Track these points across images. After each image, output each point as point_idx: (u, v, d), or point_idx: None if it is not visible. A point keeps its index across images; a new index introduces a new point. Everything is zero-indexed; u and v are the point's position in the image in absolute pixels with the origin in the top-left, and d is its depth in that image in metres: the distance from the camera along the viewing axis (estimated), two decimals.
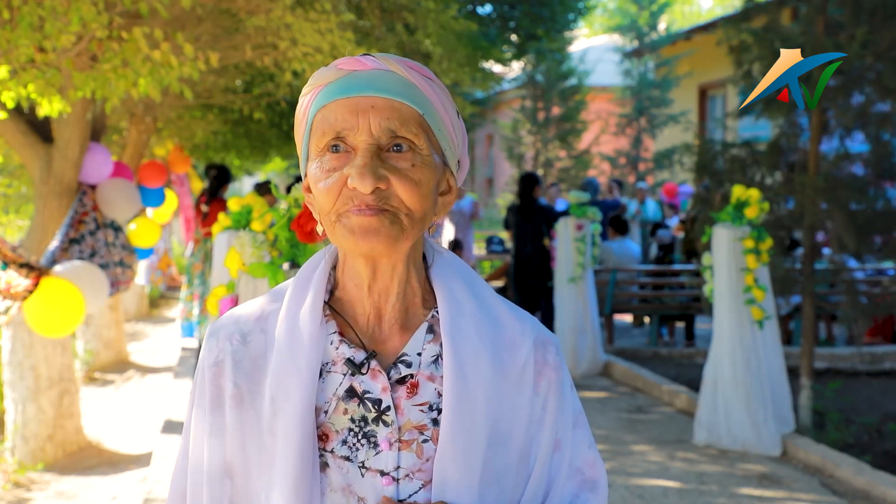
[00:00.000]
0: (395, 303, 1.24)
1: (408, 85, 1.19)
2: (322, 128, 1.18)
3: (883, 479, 5.12)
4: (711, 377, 6.03)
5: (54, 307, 4.76)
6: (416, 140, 1.18)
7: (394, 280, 1.23)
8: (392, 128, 1.16)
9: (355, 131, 1.16)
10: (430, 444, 1.19)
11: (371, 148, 1.16)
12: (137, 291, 12.25)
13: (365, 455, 1.18)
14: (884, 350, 8.86)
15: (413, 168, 1.17)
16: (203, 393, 1.25)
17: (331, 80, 1.20)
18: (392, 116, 1.17)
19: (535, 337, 1.27)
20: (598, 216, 8.52)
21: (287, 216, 3.65)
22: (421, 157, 1.18)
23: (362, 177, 1.13)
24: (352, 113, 1.16)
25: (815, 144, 6.28)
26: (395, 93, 1.18)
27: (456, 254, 5.59)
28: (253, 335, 1.25)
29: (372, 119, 1.16)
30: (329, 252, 1.29)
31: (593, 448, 1.31)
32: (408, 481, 1.18)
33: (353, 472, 1.18)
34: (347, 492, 1.18)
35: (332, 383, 1.21)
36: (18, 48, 3.86)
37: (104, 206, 6.02)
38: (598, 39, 25.92)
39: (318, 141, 1.19)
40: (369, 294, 1.23)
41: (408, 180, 1.16)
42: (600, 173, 17.93)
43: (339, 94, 1.18)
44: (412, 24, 6.85)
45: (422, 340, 1.23)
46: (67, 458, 5.81)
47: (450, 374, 1.19)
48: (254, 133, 11.16)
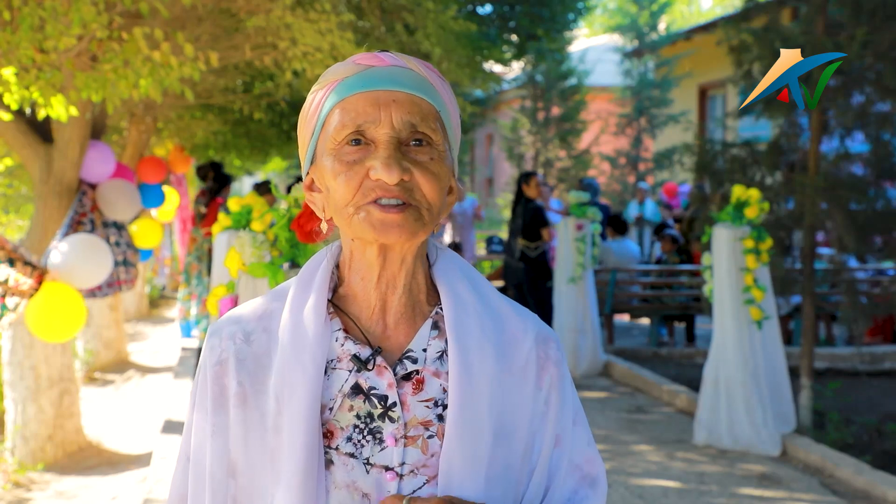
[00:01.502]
0: (401, 295, 1.24)
1: (425, 82, 1.21)
2: (341, 121, 1.18)
3: (883, 479, 5.12)
4: (711, 377, 6.03)
5: (55, 311, 4.76)
6: (434, 136, 1.19)
7: (402, 271, 1.23)
8: (413, 122, 1.17)
9: (377, 124, 1.17)
10: (435, 440, 1.20)
11: (393, 141, 1.16)
12: (137, 291, 12.26)
13: (370, 451, 1.19)
14: (884, 350, 8.87)
15: (432, 162, 1.18)
16: (205, 392, 1.24)
17: (348, 75, 1.20)
18: (413, 111, 1.18)
19: (536, 333, 1.28)
20: (599, 216, 8.51)
21: (287, 216, 3.65)
22: (438, 153, 1.19)
23: (388, 167, 1.14)
24: (373, 106, 1.17)
25: (815, 144, 6.28)
26: (415, 88, 1.19)
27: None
28: (256, 334, 1.24)
29: (394, 112, 1.17)
30: (331, 251, 1.29)
31: (592, 445, 1.31)
32: (412, 477, 1.19)
33: (357, 469, 1.18)
34: (352, 488, 1.18)
35: (338, 380, 1.21)
36: (19, 49, 3.86)
37: (104, 207, 6.02)
38: (598, 39, 25.91)
39: (336, 134, 1.19)
40: (377, 284, 1.23)
41: (429, 173, 1.17)
42: (600, 173, 17.92)
43: (360, 88, 1.18)
44: (412, 25, 6.85)
45: (427, 336, 1.23)
46: (67, 458, 5.81)
47: (455, 370, 1.19)
48: (254, 133, 11.16)
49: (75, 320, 4.86)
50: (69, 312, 4.80)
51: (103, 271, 5.08)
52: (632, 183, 16.90)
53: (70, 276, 4.88)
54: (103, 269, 5.07)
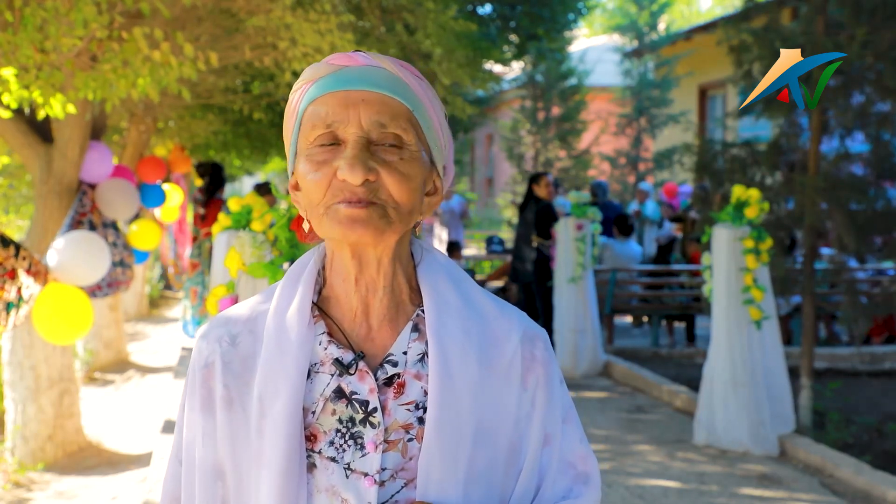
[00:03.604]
0: (382, 297, 1.23)
1: (398, 81, 1.20)
2: (312, 121, 1.18)
3: (883, 479, 5.12)
4: (711, 377, 6.03)
5: (63, 314, 4.76)
6: (405, 135, 1.18)
7: (380, 273, 1.23)
8: (382, 122, 1.17)
9: (345, 124, 1.17)
10: (415, 443, 1.19)
11: (361, 140, 1.16)
12: (137, 291, 12.26)
13: (351, 456, 1.18)
14: (884, 350, 8.87)
15: (401, 161, 1.18)
16: (194, 395, 1.25)
17: (322, 75, 1.20)
18: (382, 111, 1.17)
19: (522, 332, 1.27)
20: (599, 216, 8.52)
21: (287, 216, 3.65)
22: (409, 152, 1.19)
23: (352, 168, 1.14)
24: (342, 106, 1.17)
25: (815, 144, 6.28)
26: (386, 88, 1.18)
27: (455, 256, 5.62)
28: (242, 336, 1.25)
29: (362, 112, 1.17)
30: (318, 252, 1.29)
31: (584, 443, 1.31)
32: (391, 481, 1.18)
33: (338, 474, 1.18)
34: (332, 493, 1.18)
35: (320, 384, 1.21)
36: (20, 50, 3.86)
37: (103, 207, 6.02)
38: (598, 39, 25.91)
39: (308, 134, 1.19)
40: (356, 287, 1.23)
41: (397, 173, 1.17)
42: (600, 173, 17.92)
43: (331, 88, 1.18)
44: (412, 25, 6.85)
45: (407, 339, 1.23)
46: (67, 458, 5.81)
47: (435, 372, 1.19)
48: (254, 133, 11.17)
49: (83, 322, 4.87)
50: (77, 314, 4.81)
51: (102, 268, 5.08)
52: (632, 183, 16.89)
53: (68, 274, 4.87)
54: (101, 266, 5.07)
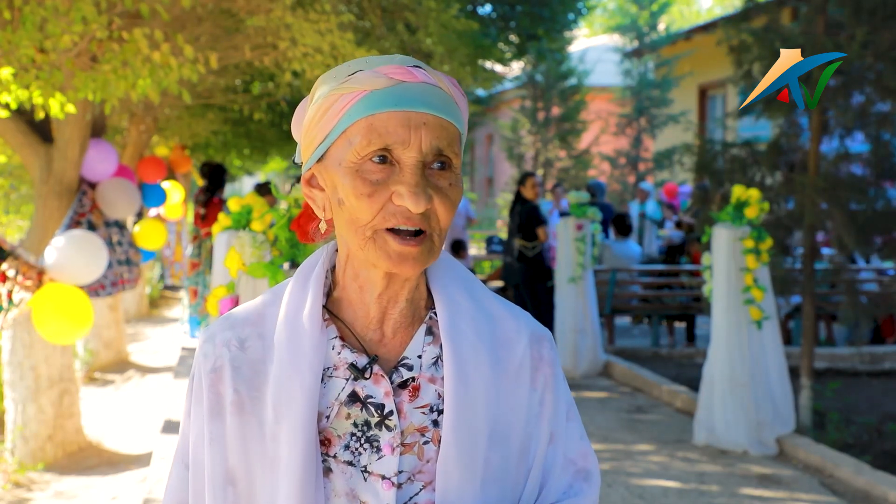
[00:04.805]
0: (403, 308, 1.24)
1: (452, 103, 1.19)
2: (368, 136, 1.15)
3: (883, 479, 5.12)
4: (711, 377, 6.03)
5: (63, 314, 4.76)
6: (455, 160, 1.19)
7: (404, 288, 1.23)
8: (440, 146, 1.16)
9: (405, 146, 1.15)
10: (431, 446, 1.20)
11: (419, 165, 1.15)
12: (138, 291, 12.26)
13: (368, 459, 1.18)
14: (884, 350, 8.87)
15: (451, 188, 1.18)
16: (200, 400, 1.23)
17: (377, 87, 1.17)
18: (441, 136, 1.16)
19: (530, 333, 1.28)
20: (598, 216, 8.52)
21: (287, 216, 3.65)
22: (455, 176, 1.19)
23: (416, 197, 1.13)
24: (404, 127, 1.15)
25: (815, 144, 6.28)
26: (444, 111, 1.17)
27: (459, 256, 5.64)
28: (251, 340, 1.23)
29: (424, 136, 1.15)
30: (326, 252, 1.28)
31: (585, 439, 1.32)
32: (409, 484, 1.19)
33: (356, 477, 1.18)
34: (351, 496, 1.18)
35: (335, 388, 1.20)
36: (19, 49, 3.86)
37: (104, 206, 6.02)
38: (598, 39, 25.91)
39: (361, 149, 1.16)
40: (378, 299, 1.23)
41: (448, 200, 1.17)
42: (600, 173, 17.93)
43: (392, 106, 1.15)
44: (413, 24, 6.85)
45: (421, 342, 1.23)
46: (67, 458, 5.81)
47: (450, 375, 1.19)
48: (254, 133, 11.17)
49: (83, 322, 4.86)
50: (77, 314, 4.81)
51: (98, 267, 5.07)
52: (632, 183, 16.89)
53: (64, 273, 4.87)
54: (98, 265, 5.07)
